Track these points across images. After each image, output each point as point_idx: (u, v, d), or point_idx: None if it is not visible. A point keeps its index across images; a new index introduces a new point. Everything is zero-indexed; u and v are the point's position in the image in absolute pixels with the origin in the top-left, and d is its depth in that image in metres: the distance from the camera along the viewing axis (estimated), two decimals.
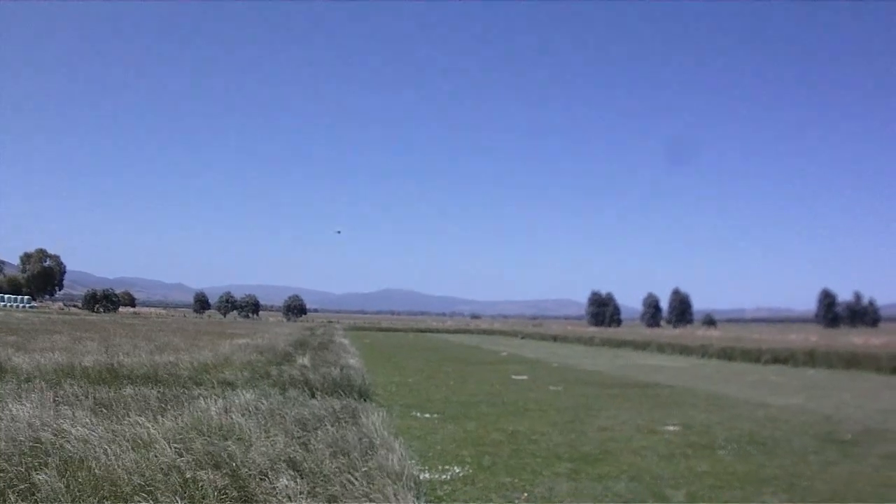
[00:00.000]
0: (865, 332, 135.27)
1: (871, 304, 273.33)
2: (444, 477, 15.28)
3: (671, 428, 23.10)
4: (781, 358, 59.39)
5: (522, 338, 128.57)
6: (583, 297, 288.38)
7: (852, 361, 52.74)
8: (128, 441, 13.28)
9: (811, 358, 56.80)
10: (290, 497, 10.67)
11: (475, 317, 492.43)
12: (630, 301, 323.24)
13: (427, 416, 24.71)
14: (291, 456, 12.74)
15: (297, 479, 11.42)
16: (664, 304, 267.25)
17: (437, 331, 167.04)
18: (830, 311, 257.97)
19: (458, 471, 15.87)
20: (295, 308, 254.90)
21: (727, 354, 66.25)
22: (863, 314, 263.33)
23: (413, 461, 14.08)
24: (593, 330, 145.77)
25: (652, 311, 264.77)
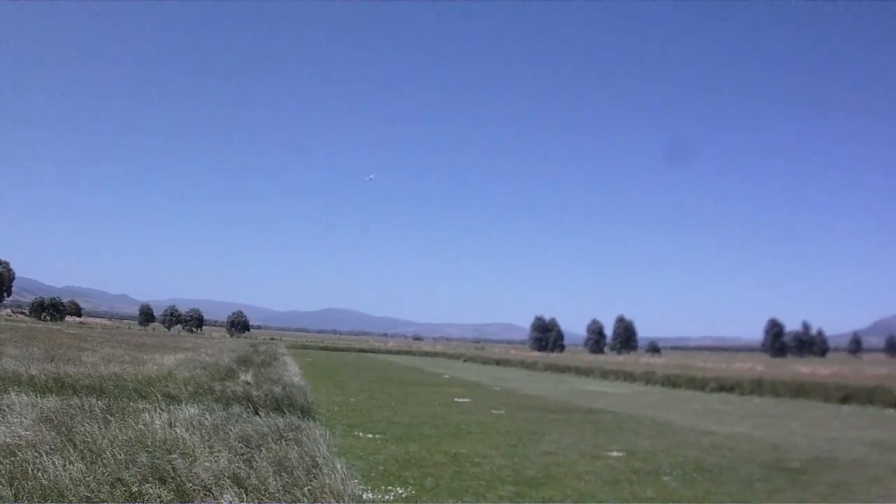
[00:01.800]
0: (813, 361, 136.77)
1: (820, 334, 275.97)
2: (386, 497, 15.23)
3: (615, 454, 23.12)
4: (727, 386, 59.61)
5: (465, 360, 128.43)
6: (526, 322, 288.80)
7: (800, 391, 53.22)
8: (76, 452, 13.22)
9: (758, 386, 57.10)
10: None
11: (417, 338, 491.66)
12: (574, 327, 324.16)
13: (370, 436, 24.58)
14: (236, 472, 12.68)
15: (242, 496, 11.37)
16: (608, 331, 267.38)
17: (380, 351, 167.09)
18: (777, 341, 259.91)
19: (400, 492, 15.80)
20: (238, 324, 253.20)
21: (671, 382, 66.33)
22: (811, 344, 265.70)
23: (356, 481, 14.06)
24: (536, 355, 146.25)
25: (596, 338, 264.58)
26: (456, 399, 42.61)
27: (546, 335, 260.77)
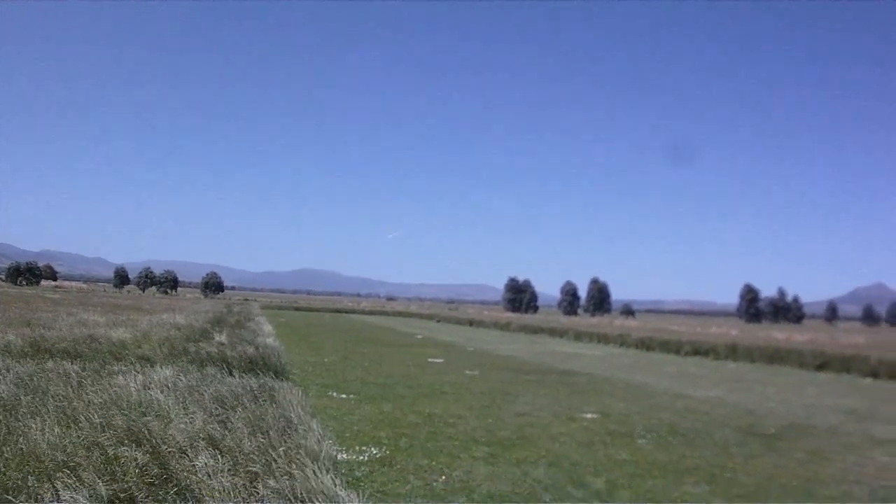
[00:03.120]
0: (789, 328, 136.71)
1: (796, 300, 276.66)
2: (361, 458, 15.28)
3: (589, 415, 23.24)
4: (702, 350, 59.51)
5: (438, 321, 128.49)
6: (500, 283, 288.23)
7: (775, 357, 53.02)
8: (52, 416, 13.21)
9: (732, 352, 56.90)
10: (210, 475, 10.58)
11: (391, 299, 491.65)
12: (548, 289, 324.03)
13: (344, 396, 24.67)
14: (211, 433, 12.65)
15: (218, 457, 11.34)
16: (582, 293, 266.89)
17: (353, 311, 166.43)
18: (752, 306, 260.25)
19: (375, 452, 15.89)
20: (213, 285, 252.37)
21: (646, 345, 66.25)
22: (786, 310, 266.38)
23: (330, 441, 14.01)
24: (510, 316, 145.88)
25: (569, 300, 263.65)
26: (429, 359, 42.75)
27: (520, 296, 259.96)
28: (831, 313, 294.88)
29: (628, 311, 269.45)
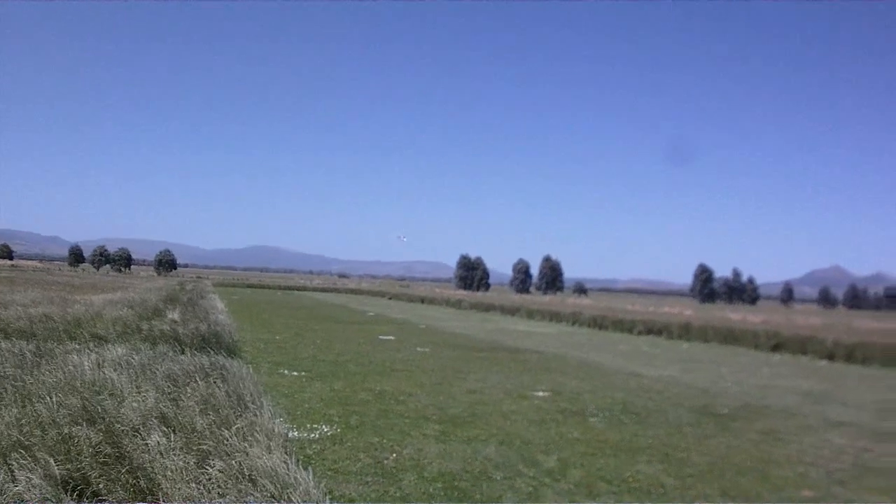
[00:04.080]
0: (744, 308, 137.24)
1: (751, 281, 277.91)
2: (312, 436, 15.41)
3: (541, 394, 23.41)
4: (655, 329, 59.53)
5: (390, 298, 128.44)
6: (452, 261, 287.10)
7: (729, 337, 52.98)
8: (9, 396, 13.24)
9: (686, 331, 56.90)
10: (162, 453, 10.62)
11: (343, 276, 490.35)
12: (500, 266, 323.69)
13: (295, 374, 24.77)
14: (163, 411, 12.67)
15: (170, 436, 11.37)
16: (534, 271, 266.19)
17: (306, 289, 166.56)
18: (707, 286, 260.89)
19: (326, 430, 16.01)
20: (166, 263, 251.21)
21: (598, 323, 66.19)
22: (741, 291, 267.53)
23: (281, 419, 14.05)
24: (462, 293, 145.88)
25: (522, 278, 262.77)
26: (381, 337, 42.86)
27: (471, 274, 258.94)
28: (787, 295, 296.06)
29: (581, 289, 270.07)
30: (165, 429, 11.78)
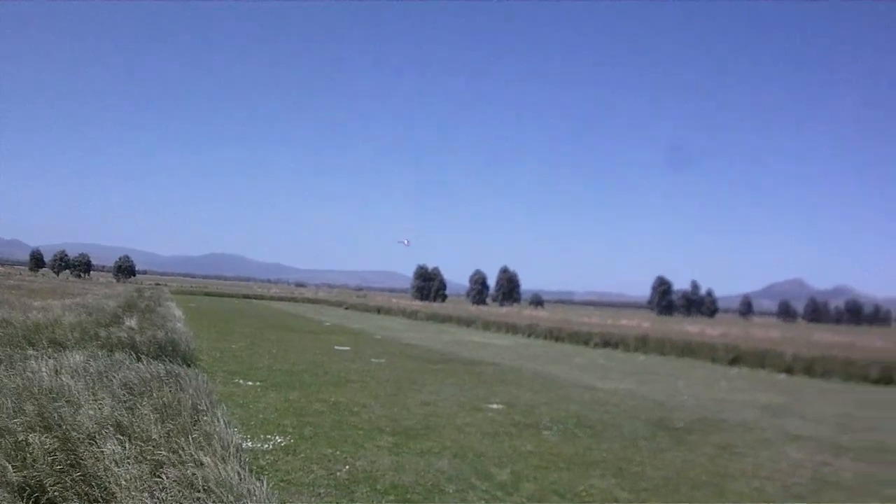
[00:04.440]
0: (702, 321, 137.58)
1: (710, 294, 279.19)
2: (266, 446, 15.47)
3: (495, 406, 23.50)
4: (611, 342, 59.53)
5: (346, 308, 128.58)
6: (408, 271, 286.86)
7: (686, 350, 53.02)
8: None
9: (643, 344, 57.00)
10: (117, 462, 10.60)
11: (300, 285, 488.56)
12: (456, 277, 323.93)
13: (250, 383, 24.79)
14: (119, 420, 12.60)
15: (126, 444, 11.35)
16: (491, 282, 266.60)
17: (263, 298, 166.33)
18: (665, 299, 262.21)
19: (280, 440, 16.07)
20: (125, 269, 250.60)
21: (555, 335, 66.25)
22: (699, 304, 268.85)
23: (236, 429, 13.94)
24: (418, 304, 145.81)
25: (478, 289, 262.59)
26: (336, 347, 42.87)
27: (428, 284, 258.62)
28: (746, 308, 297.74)
29: (538, 301, 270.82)
30: (121, 437, 11.72)
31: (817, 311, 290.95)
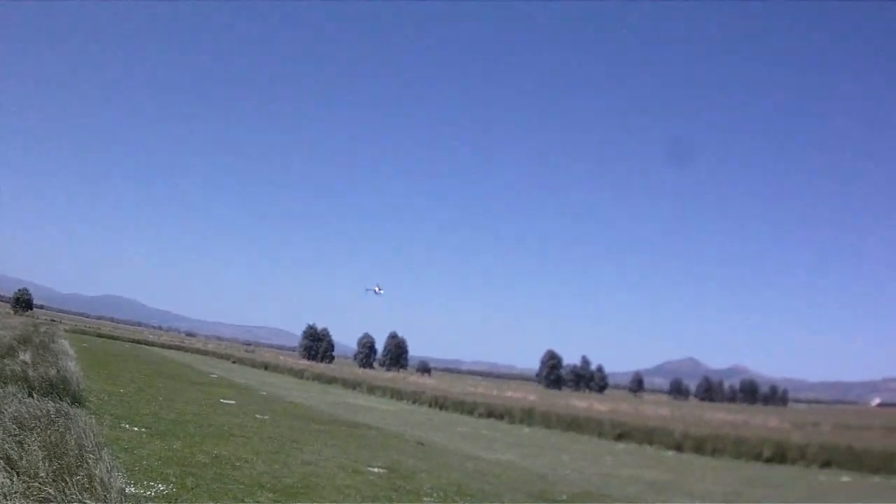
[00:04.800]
0: (590, 397, 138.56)
1: (600, 370, 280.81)
2: (148, 493, 15.47)
3: (377, 469, 23.66)
4: (497, 413, 59.76)
5: (234, 362, 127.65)
6: (298, 329, 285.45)
7: (573, 424, 53.26)
8: None
9: (529, 416, 57.14)
10: (5, 495, 10.71)
11: (190, 334, 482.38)
12: (345, 339, 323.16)
13: (136, 429, 24.60)
14: (8, 453, 12.64)
15: (13, 478, 11.41)
16: (379, 346, 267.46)
17: (153, 344, 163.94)
18: (554, 373, 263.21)
19: (162, 488, 16.05)
20: (23, 302, 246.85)
21: (440, 403, 66.62)
22: (589, 379, 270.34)
23: (120, 474, 13.85)
24: (305, 363, 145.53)
25: (366, 352, 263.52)
26: (222, 400, 42.70)
27: (316, 344, 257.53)
28: (637, 385, 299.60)
29: (425, 368, 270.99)
30: (9, 470, 11.75)
31: (711, 390, 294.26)
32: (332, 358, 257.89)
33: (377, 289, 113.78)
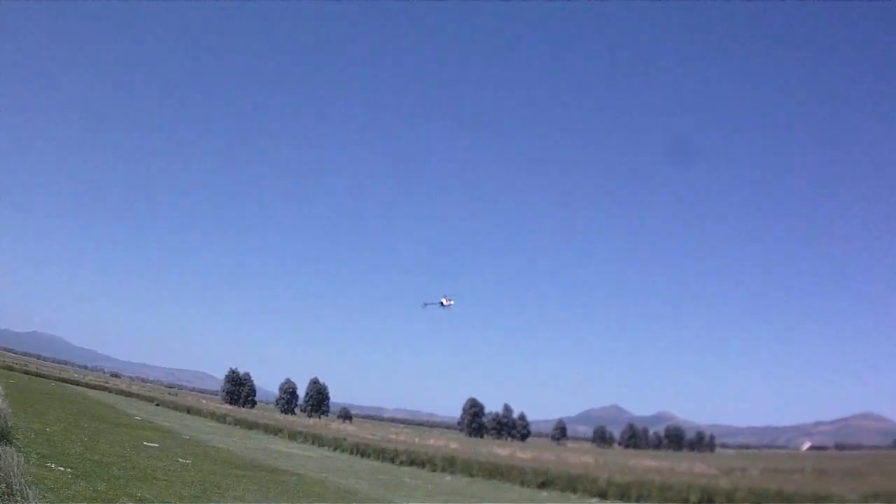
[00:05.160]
0: (513, 445, 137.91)
1: (522, 418, 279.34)
2: None
3: None
4: (418, 461, 59.74)
5: (157, 404, 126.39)
6: (220, 373, 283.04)
7: (495, 472, 53.02)
8: None
9: (451, 464, 57.00)
10: None
11: (115, 375, 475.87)
12: (267, 384, 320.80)
13: (61, 469, 24.73)
14: None
15: None
16: (301, 392, 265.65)
17: (79, 383, 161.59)
18: (475, 421, 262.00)
19: None
20: None
21: (361, 450, 66.40)
22: (511, 427, 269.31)
23: None
24: (228, 408, 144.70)
25: (288, 398, 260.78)
26: (146, 442, 42.55)
27: (238, 389, 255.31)
28: (560, 432, 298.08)
29: (346, 415, 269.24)
30: None
31: (635, 437, 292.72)
32: (254, 403, 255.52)
33: (445, 300, 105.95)
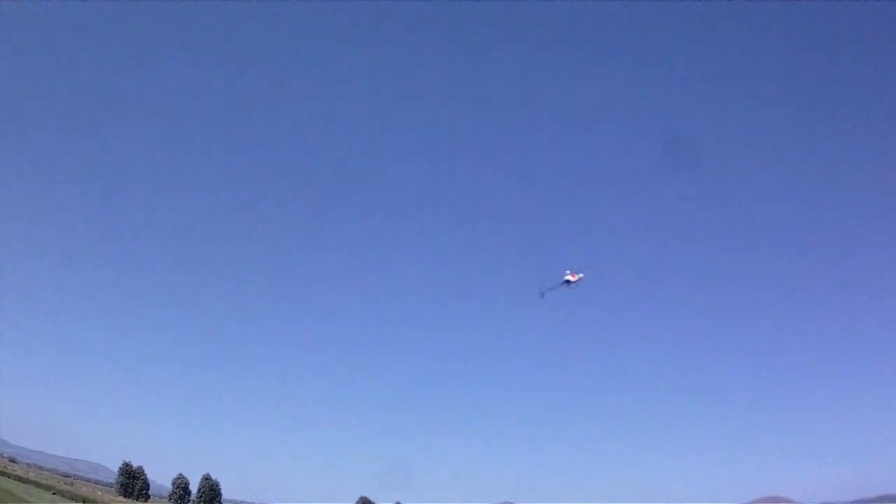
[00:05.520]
0: None
1: None
2: None
3: None
4: None
5: (54, 493, 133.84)
6: (115, 465, 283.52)
7: None
8: None
9: None
10: None
11: (13, 460, 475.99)
12: (162, 479, 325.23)
13: None
14: None
15: None
16: (194, 488, 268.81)
17: None
18: None
19: None
20: None
21: None
22: None
23: None
24: (122, 500, 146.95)
25: (181, 493, 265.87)
26: None
27: (133, 482, 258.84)
28: None
29: None
30: None
31: None
32: (147, 497, 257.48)
33: (572, 276, 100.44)
